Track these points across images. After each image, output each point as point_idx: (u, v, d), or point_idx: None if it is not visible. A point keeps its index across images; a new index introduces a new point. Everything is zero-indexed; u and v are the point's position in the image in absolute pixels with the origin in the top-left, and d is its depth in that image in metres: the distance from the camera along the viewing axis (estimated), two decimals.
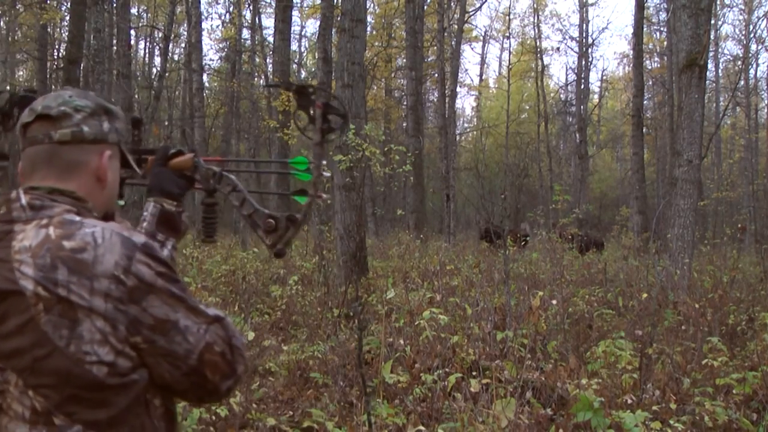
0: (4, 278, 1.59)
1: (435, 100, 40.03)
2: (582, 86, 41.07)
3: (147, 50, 46.50)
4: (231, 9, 36.51)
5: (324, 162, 2.36)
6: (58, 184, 1.75)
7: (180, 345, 1.68)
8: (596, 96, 50.40)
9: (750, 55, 41.28)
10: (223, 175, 2.26)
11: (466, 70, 69.97)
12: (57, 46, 36.75)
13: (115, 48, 22.57)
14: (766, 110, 48.57)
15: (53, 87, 32.10)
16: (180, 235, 2.12)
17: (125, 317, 1.61)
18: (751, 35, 40.37)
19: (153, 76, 31.54)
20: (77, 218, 1.68)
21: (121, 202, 2.19)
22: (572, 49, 47.37)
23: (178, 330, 1.68)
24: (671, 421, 5.25)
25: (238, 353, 1.79)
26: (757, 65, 53.03)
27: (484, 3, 50.32)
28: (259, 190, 3.37)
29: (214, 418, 5.57)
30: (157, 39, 39.88)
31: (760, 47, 42.30)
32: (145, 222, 2.05)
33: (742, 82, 41.97)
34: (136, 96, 31.45)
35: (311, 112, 2.37)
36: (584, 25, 43.82)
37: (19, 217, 1.67)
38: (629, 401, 5.92)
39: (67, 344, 1.56)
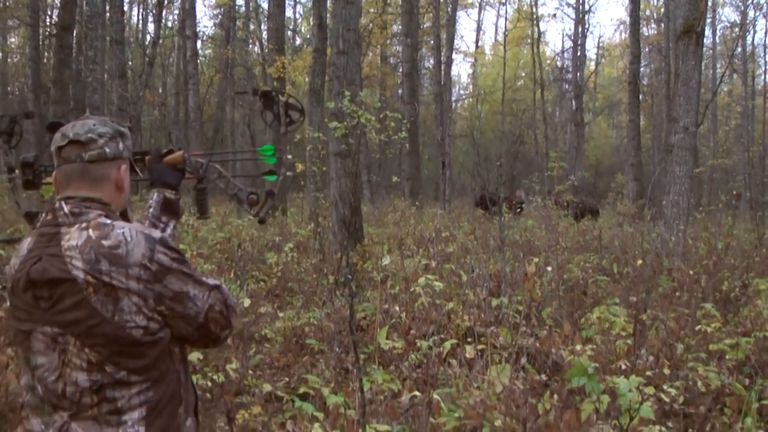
0: (59, 269, 2.16)
1: (430, 66, 39.97)
2: (578, 53, 40.83)
3: (140, 17, 46.00)
4: None
5: (285, 147, 3.11)
6: (89, 193, 2.30)
7: (191, 309, 2.29)
8: (593, 63, 50.27)
9: (747, 21, 41.08)
10: (209, 165, 2.87)
11: (462, 36, 69.93)
12: (49, 13, 36.40)
13: (108, 14, 22.35)
14: (763, 77, 48.46)
15: (45, 54, 31.87)
16: (179, 217, 2.75)
17: (152, 293, 2.20)
18: (749, 1, 40.16)
19: (146, 43, 31.29)
20: (108, 221, 2.25)
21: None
22: (569, 16, 47.27)
23: (189, 298, 2.28)
24: (665, 386, 5.28)
25: (232, 310, 2.41)
26: (755, 32, 53.05)
27: None
28: (237, 174, 3.72)
29: (210, 384, 5.59)
30: (151, 5, 39.52)
31: (757, 14, 42.30)
32: (150, 208, 2.67)
33: (739, 49, 41.75)
34: (130, 63, 31.24)
35: (275, 110, 3.12)
36: None
37: (63, 222, 2.23)
38: (623, 367, 5.96)
39: (113, 315, 2.15)
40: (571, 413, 4.68)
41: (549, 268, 8.98)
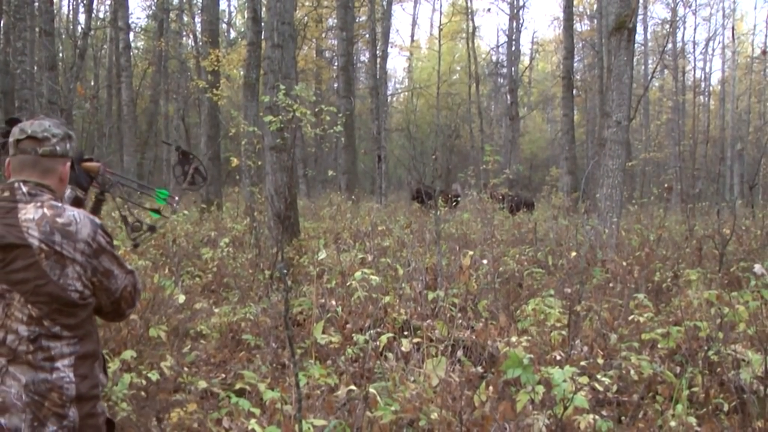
0: (15, 236, 2.63)
1: (366, 60, 39.83)
2: (513, 48, 41.10)
3: (71, 7, 44.84)
4: None
5: (176, 198, 3.82)
6: (40, 181, 2.78)
7: (113, 285, 2.86)
8: (527, 58, 50.75)
9: (677, 18, 41.97)
10: (115, 184, 3.47)
11: (398, 30, 69.87)
12: None
13: (36, 4, 21.83)
14: (692, 73, 49.44)
15: None
16: None
17: (90, 266, 2.74)
18: None
19: (77, 34, 30.60)
20: (59, 204, 2.77)
21: None
22: (503, 11, 47.55)
23: (114, 276, 2.85)
24: (598, 376, 5.36)
25: (137, 292, 3.02)
26: (685, 29, 53.87)
27: None
28: (133, 201, 4.16)
29: (145, 382, 5.50)
30: None
31: (687, 11, 43.03)
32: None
33: (669, 45, 42.60)
34: (60, 54, 30.58)
35: (185, 168, 3.94)
36: None
37: (21, 199, 2.71)
38: (558, 357, 6.02)
39: (58, 278, 2.65)
40: (507, 404, 4.71)
41: (485, 261, 9.03)
